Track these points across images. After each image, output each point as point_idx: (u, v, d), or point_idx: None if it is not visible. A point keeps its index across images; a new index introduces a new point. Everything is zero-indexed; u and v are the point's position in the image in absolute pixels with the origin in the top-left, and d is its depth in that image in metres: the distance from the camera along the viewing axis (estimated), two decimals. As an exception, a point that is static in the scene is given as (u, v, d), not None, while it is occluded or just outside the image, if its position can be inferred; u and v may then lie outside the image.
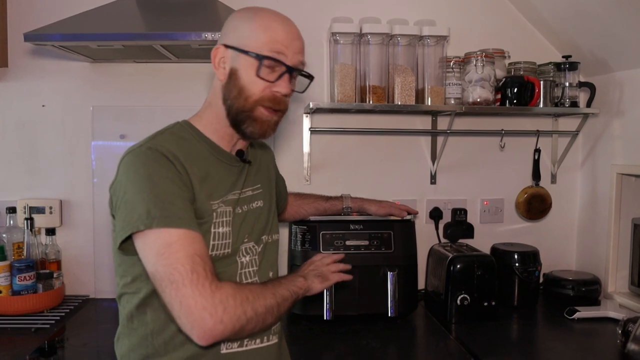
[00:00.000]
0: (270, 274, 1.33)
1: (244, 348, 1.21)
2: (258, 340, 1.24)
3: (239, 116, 1.20)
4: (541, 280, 2.14)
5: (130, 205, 1.08)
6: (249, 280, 1.24)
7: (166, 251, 1.04)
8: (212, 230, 1.16)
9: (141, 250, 1.08)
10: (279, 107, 1.21)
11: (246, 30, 1.19)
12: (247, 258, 1.25)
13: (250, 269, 1.25)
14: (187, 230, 1.06)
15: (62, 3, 2.05)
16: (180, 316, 1.02)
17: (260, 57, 1.16)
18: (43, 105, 2.13)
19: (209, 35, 1.65)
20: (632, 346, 1.35)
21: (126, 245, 1.11)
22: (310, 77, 1.29)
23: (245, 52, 1.17)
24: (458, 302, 1.89)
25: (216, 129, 1.24)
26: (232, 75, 1.19)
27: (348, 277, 1.40)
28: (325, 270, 1.35)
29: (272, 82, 1.18)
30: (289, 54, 1.18)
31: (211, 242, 1.16)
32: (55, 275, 1.99)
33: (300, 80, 1.28)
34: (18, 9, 2.09)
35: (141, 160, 1.11)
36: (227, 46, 1.20)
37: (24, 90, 2.12)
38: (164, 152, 1.12)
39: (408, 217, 1.94)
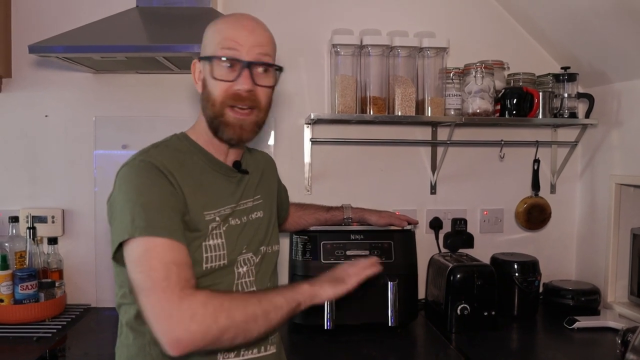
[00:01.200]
0: (269, 285, 1.33)
1: (241, 358, 1.21)
2: (255, 350, 1.24)
3: (213, 123, 1.21)
4: (541, 290, 2.14)
5: (120, 216, 1.10)
6: (246, 291, 1.24)
7: (143, 259, 1.05)
8: (203, 243, 1.17)
9: (125, 259, 1.08)
10: (246, 104, 1.18)
11: (206, 39, 1.23)
12: (245, 269, 1.25)
13: (247, 279, 1.25)
14: (167, 240, 1.06)
15: (66, 15, 2.07)
16: (151, 324, 1.01)
17: (210, 59, 1.18)
18: (46, 115, 2.15)
19: (209, 47, 1.66)
20: (630, 356, 1.35)
21: (119, 256, 1.12)
22: (279, 69, 1.25)
23: (204, 59, 1.20)
24: (458, 311, 1.89)
25: (206, 140, 1.26)
26: (203, 85, 1.22)
27: (374, 269, 1.28)
28: (343, 274, 1.23)
29: (232, 81, 1.17)
30: (243, 49, 1.17)
31: (204, 255, 1.17)
32: (57, 284, 2.00)
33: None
34: (22, 20, 2.11)
35: (133, 172, 1.13)
36: (199, 59, 1.23)
37: (28, 100, 2.14)
38: (156, 164, 1.13)
39: (408, 227, 1.95)
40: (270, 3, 2.16)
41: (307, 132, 2.20)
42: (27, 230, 2.01)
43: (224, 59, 1.16)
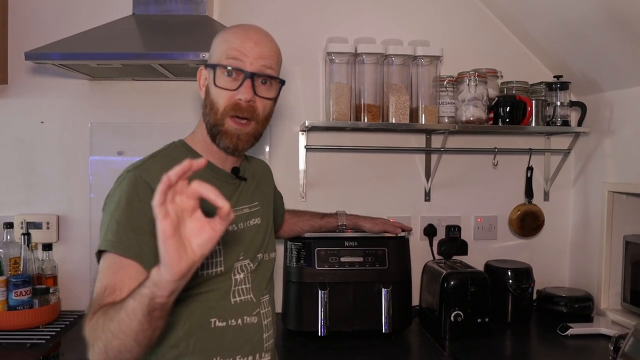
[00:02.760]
0: (265, 292, 1.33)
1: None
2: (250, 358, 1.25)
3: (212, 131, 1.22)
4: (534, 296, 2.15)
5: (101, 225, 1.13)
6: (242, 298, 1.25)
7: (98, 275, 1.08)
8: None
9: None
10: (245, 114, 1.19)
11: (213, 47, 1.24)
12: (242, 275, 1.26)
13: (244, 287, 1.26)
14: (123, 258, 1.07)
15: (62, 22, 2.08)
16: None
17: (214, 66, 1.19)
18: (42, 122, 2.15)
19: (206, 55, 1.66)
20: (621, 362, 1.36)
21: None
22: (281, 82, 1.27)
23: (209, 66, 1.22)
24: (452, 318, 1.90)
25: (204, 146, 1.27)
26: (206, 92, 1.24)
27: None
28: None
29: (234, 90, 1.19)
30: (247, 60, 1.18)
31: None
32: (51, 290, 1.99)
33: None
34: (19, 27, 2.12)
35: (123, 185, 1.15)
36: (205, 66, 1.25)
37: (24, 107, 2.14)
38: (147, 180, 1.13)
39: (402, 234, 1.96)
40: (267, 12, 2.18)
41: (302, 139, 2.21)
42: (22, 237, 2.01)
43: (228, 68, 1.18)
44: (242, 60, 1.18)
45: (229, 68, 1.18)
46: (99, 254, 1.11)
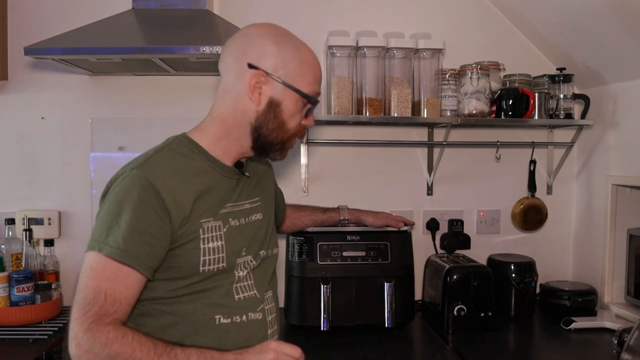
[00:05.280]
0: (269, 288, 1.33)
1: None
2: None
3: (271, 144, 1.24)
4: (538, 290, 2.14)
5: (97, 224, 1.12)
6: (246, 294, 1.25)
7: (88, 272, 1.08)
8: (202, 246, 1.17)
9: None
10: (302, 136, 1.31)
11: (293, 65, 1.20)
12: (244, 272, 1.25)
13: (246, 283, 1.25)
14: (121, 265, 1.07)
15: (62, 17, 2.07)
16: (69, 329, 1.06)
17: (313, 101, 1.23)
18: (42, 118, 2.15)
19: (207, 49, 1.67)
20: (625, 356, 1.35)
21: None
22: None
23: (295, 90, 1.20)
24: (455, 312, 1.89)
25: (224, 144, 1.24)
26: (273, 105, 1.20)
27: None
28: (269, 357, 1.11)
29: (304, 116, 1.25)
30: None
31: (201, 258, 1.16)
32: (53, 286, 1.99)
33: None
34: (18, 22, 2.11)
35: (125, 184, 1.13)
36: (268, 73, 1.18)
37: (24, 102, 2.14)
38: (151, 180, 1.12)
39: (405, 228, 1.95)
40: (268, 5, 2.17)
41: (304, 134, 2.20)
42: (24, 232, 2.01)
43: (315, 102, 1.24)
44: (319, 93, 1.27)
45: (315, 102, 1.24)
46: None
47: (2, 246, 2.00)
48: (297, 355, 1.14)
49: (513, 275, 2.05)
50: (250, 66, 1.18)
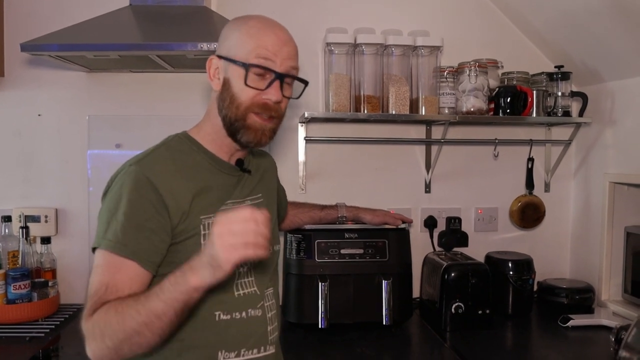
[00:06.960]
0: (269, 284, 1.33)
1: (241, 358, 1.22)
2: (255, 351, 1.25)
3: (233, 125, 1.20)
4: (535, 288, 2.14)
5: (99, 221, 1.13)
6: (246, 291, 1.25)
7: (95, 270, 1.09)
8: (203, 242, 1.17)
9: None
10: (271, 113, 1.20)
11: (234, 39, 1.20)
12: (245, 268, 1.25)
13: (246, 279, 1.26)
14: (123, 259, 1.08)
15: (59, 14, 2.06)
16: None
17: (246, 66, 1.16)
18: (39, 115, 2.14)
19: (204, 46, 1.66)
20: (623, 353, 1.35)
21: None
22: (304, 82, 1.27)
23: (234, 62, 1.17)
24: (452, 310, 1.89)
25: (214, 139, 1.25)
26: (225, 84, 1.20)
27: (263, 253, 0.98)
28: (221, 256, 0.96)
29: (262, 90, 1.18)
30: (277, 60, 1.17)
31: None
32: (50, 284, 1.99)
33: (298, 85, 1.27)
34: (15, 19, 2.10)
35: (123, 180, 1.13)
36: (219, 57, 1.21)
37: (21, 99, 2.12)
38: (148, 176, 1.12)
39: (403, 225, 1.95)
40: (265, 1, 2.16)
41: (302, 131, 2.20)
42: (20, 230, 2.00)
43: (260, 68, 1.16)
44: (272, 61, 1.17)
45: (258, 68, 1.16)
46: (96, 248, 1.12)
47: (-1, 244, 1.99)
48: (247, 215, 0.97)
49: (511, 272, 2.05)
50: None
